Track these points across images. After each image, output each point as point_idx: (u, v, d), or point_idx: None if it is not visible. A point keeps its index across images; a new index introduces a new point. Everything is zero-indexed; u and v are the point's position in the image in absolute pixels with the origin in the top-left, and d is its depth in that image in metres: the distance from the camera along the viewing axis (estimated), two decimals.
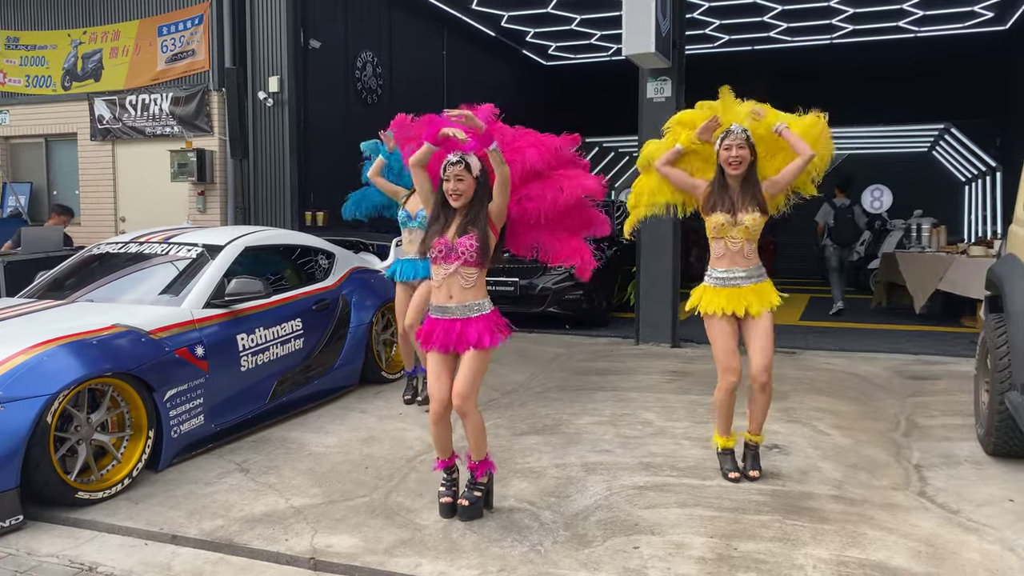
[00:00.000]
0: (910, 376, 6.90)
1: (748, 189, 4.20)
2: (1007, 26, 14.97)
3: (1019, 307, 4.38)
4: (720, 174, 4.25)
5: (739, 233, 4.19)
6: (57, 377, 3.98)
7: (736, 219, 4.18)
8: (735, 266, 4.24)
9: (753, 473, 4.36)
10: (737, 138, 4.15)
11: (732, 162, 4.15)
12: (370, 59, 12.10)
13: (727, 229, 4.20)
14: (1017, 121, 15.35)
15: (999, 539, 3.64)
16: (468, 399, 3.74)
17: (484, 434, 3.90)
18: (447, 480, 3.97)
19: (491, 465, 3.97)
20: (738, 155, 4.14)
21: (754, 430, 4.42)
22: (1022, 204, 4.89)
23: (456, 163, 3.71)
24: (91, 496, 4.09)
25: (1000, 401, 4.43)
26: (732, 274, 4.24)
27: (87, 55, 11.37)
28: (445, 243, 3.74)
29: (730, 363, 4.25)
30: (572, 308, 9.33)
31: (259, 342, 5.28)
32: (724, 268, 4.26)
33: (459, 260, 3.71)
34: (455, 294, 3.75)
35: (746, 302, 4.20)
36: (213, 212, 10.70)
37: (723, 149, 4.19)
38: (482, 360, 3.76)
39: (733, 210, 4.18)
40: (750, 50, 16.98)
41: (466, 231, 3.72)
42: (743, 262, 4.23)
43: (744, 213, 4.17)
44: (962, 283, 9.11)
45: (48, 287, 5.49)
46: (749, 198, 4.18)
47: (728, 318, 4.25)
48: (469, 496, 3.89)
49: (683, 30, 8.36)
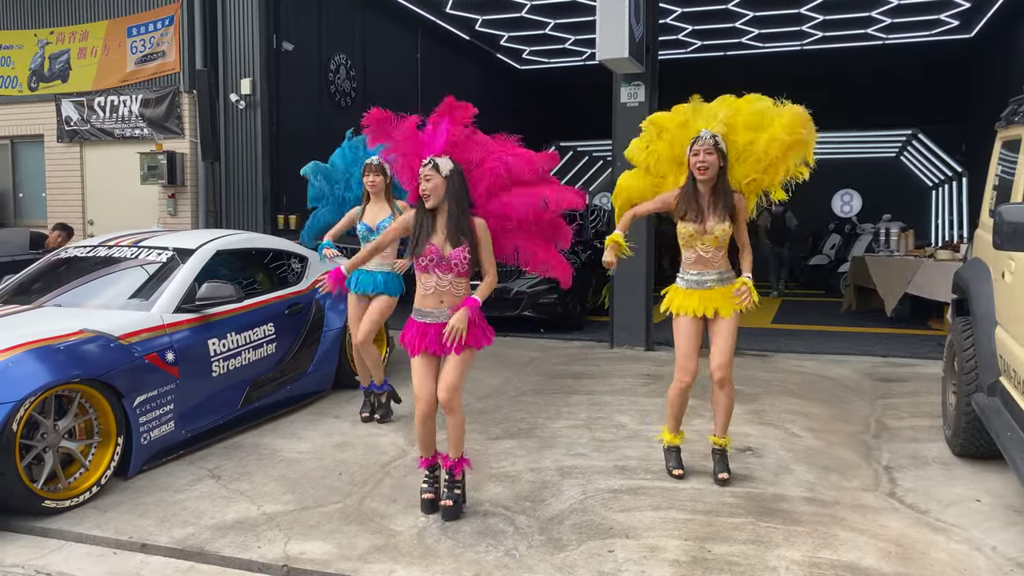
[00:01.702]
0: (879, 378, 7.00)
1: (719, 197, 4.21)
2: (972, 34, 15.29)
3: (985, 310, 4.46)
4: (691, 180, 4.25)
5: (708, 242, 4.25)
6: (23, 383, 3.90)
7: (705, 228, 4.22)
8: (707, 269, 4.30)
9: (722, 476, 4.37)
10: (705, 143, 4.15)
11: (699, 167, 4.16)
12: (343, 62, 12.05)
13: (696, 239, 4.26)
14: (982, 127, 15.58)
15: (966, 539, 3.70)
16: (456, 393, 3.83)
17: (464, 432, 3.99)
18: (429, 477, 4.05)
19: (467, 462, 4.05)
20: (706, 160, 4.14)
21: (719, 433, 4.43)
22: (988, 209, 4.98)
23: (425, 164, 3.80)
24: (58, 504, 4.01)
25: (967, 403, 4.50)
26: (703, 277, 4.30)
27: (54, 55, 11.20)
28: (436, 251, 3.79)
29: (687, 364, 4.35)
30: (547, 312, 9.34)
31: (231, 347, 5.22)
32: (696, 271, 4.32)
33: (452, 272, 3.80)
34: (446, 300, 3.84)
35: (716, 304, 4.27)
36: (184, 215, 10.57)
37: (692, 155, 4.20)
38: (469, 356, 3.87)
39: (702, 219, 4.22)
40: (722, 55, 17.16)
41: (459, 242, 3.78)
42: (715, 265, 4.29)
43: (713, 222, 4.20)
44: (929, 286, 9.26)
45: (14, 291, 5.38)
46: (720, 207, 4.20)
47: (695, 320, 4.32)
48: (451, 496, 3.95)
49: (656, 35, 8.42)
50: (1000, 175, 4.88)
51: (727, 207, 4.21)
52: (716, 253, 4.28)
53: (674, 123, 4.40)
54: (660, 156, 4.45)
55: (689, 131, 4.30)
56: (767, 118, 4.24)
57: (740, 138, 4.27)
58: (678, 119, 4.42)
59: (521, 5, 13.81)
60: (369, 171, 5.42)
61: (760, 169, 4.26)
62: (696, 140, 4.20)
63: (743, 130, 4.27)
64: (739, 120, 4.28)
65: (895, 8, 13.78)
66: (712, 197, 4.22)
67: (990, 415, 4.07)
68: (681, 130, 4.36)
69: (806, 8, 13.83)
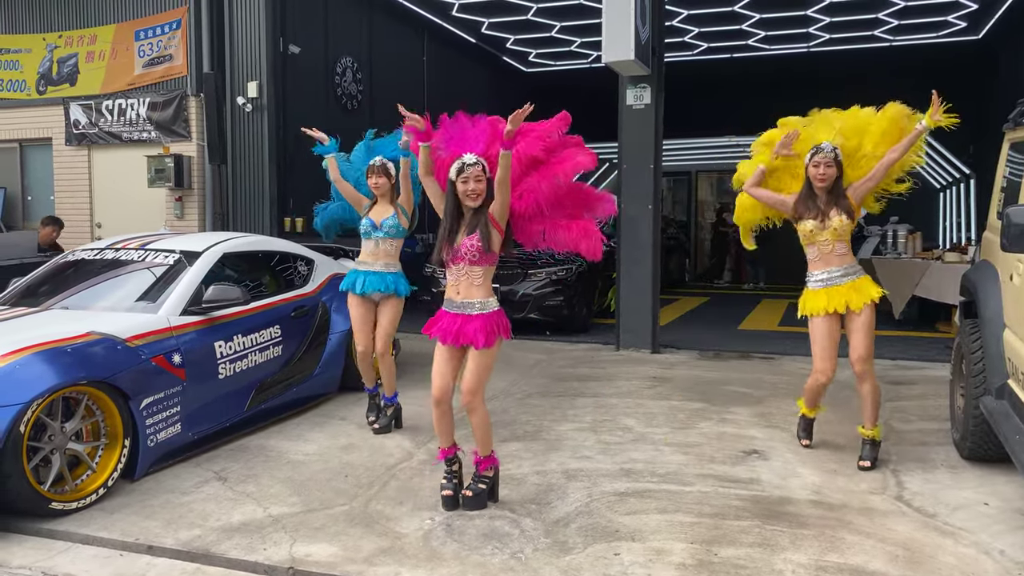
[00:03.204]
0: (887, 381, 6.96)
1: (834, 197, 4.55)
2: (980, 36, 15.22)
3: (993, 313, 4.43)
4: (808, 186, 4.61)
5: (828, 235, 4.54)
6: (30, 386, 3.92)
7: (824, 224, 4.54)
8: (831, 266, 4.59)
9: (864, 463, 4.59)
10: (826, 156, 4.50)
11: (819, 178, 4.52)
12: (350, 64, 12.07)
13: (816, 234, 4.57)
14: (990, 129, 15.58)
15: (974, 542, 3.68)
16: (475, 394, 3.93)
17: (489, 430, 4.06)
18: (449, 472, 4.09)
19: (495, 460, 4.13)
20: (825, 173, 4.51)
21: (867, 424, 4.67)
22: (995, 211, 4.96)
23: (474, 164, 3.85)
24: (65, 506, 4.03)
25: (975, 406, 4.48)
26: (830, 274, 4.59)
27: (62, 59, 11.25)
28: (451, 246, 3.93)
29: (822, 364, 4.66)
30: (552, 314, 9.34)
31: (237, 349, 5.23)
32: (821, 270, 4.62)
33: (463, 260, 3.90)
34: (462, 291, 3.94)
35: (846, 298, 4.54)
36: (191, 218, 10.61)
37: (812, 166, 4.54)
38: (487, 357, 3.94)
39: (821, 216, 4.54)
40: (728, 58, 17.12)
41: (470, 231, 3.88)
42: (837, 261, 4.58)
43: (831, 218, 4.52)
44: (937, 289, 9.22)
45: (22, 294, 5.41)
46: (835, 204, 4.54)
47: (831, 317, 4.58)
48: (474, 488, 4.05)
49: (662, 38, 8.42)
50: (1008, 177, 4.85)
51: (842, 207, 4.54)
52: (838, 247, 4.56)
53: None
54: (778, 172, 4.84)
55: (805, 144, 4.65)
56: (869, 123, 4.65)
57: (851, 144, 4.62)
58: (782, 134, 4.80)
59: (527, 8, 13.81)
60: (372, 173, 5.33)
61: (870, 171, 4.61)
62: (817, 151, 4.53)
63: (853, 136, 4.63)
64: (849, 127, 4.66)
65: (902, 10, 13.74)
66: (827, 198, 4.56)
67: (998, 418, 4.05)
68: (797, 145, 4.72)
69: (813, 10, 13.79)
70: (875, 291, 4.56)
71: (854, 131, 4.67)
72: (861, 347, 4.52)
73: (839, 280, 4.56)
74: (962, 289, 5.22)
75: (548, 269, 9.33)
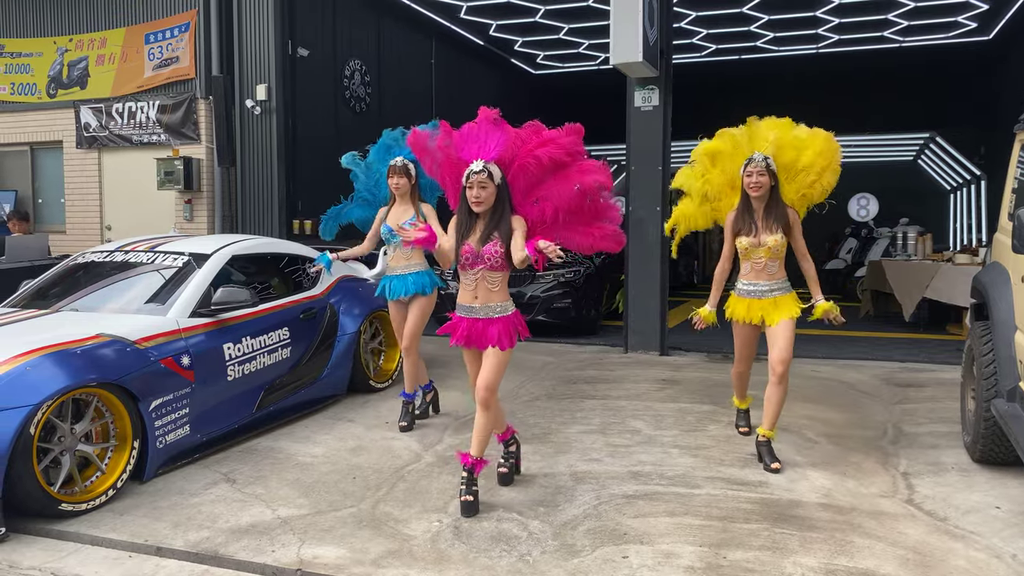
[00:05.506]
0: (897, 384, 6.93)
1: (771, 212, 4.63)
2: (990, 36, 15.14)
3: (1004, 315, 4.40)
4: (745, 198, 4.69)
5: (763, 253, 4.65)
6: (40, 387, 3.94)
7: (759, 241, 4.63)
8: (759, 280, 4.71)
9: (775, 465, 4.60)
10: (758, 166, 4.59)
11: (753, 187, 4.60)
12: (358, 67, 12.10)
13: (752, 251, 4.68)
14: (1001, 130, 15.51)
15: (986, 546, 3.65)
16: (492, 390, 4.06)
17: (489, 435, 4.18)
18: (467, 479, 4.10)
19: (513, 430, 4.48)
20: (759, 181, 4.58)
21: (767, 425, 4.74)
22: (1007, 212, 4.93)
23: (479, 172, 3.92)
24: (74, 508, 4.04)
25: (986, 408, 4.45)
26: (755, 287, 4.72)
27: (73, 62, 11.32)
28: (471, 250, 3.99)
29: (738, 367, 5.17)
30: (561, 316, 9.32)
31: (246, 351, 5.24)
32: (749, 281, 4.75)
33: (484, 265, 3.98)
34: (480, 295, 4.04)
35: (764, 312, 4.69)
36: (200, 220, 10.65)
37: (745, 175, 4.63)
38: (507, 354, 4.07)
39: (756, 233, 4.64)
40: (737, 59, 17.09)
41: (490, 238, 3.95)
42: (766, 276, 4.69)
43: (767, 235, 4.61)
44: (948, 291, 9.17)
45: (32, 296, 5.44)
46: (772, 221, 4.62)
47: (749, 325, 4.77)
48: (506, 464, 4.44)
49: (671, 39, 8.40)
50: (1019, 178, 4.82)
51: (779, 220, 4.62)
52: (769, 264, 4.67)
53: (726, 150, 4.84)
54: (715, 182, 4.92)
55: (740, 155, 4.75)
56: (804, 141, 4.73)
57: (787, 157, 4.69)
58: (728, 146, 4.85)
59: (535, 10, 13.82)
60: (394, 173, 5.33)
61: (807, 184, 4.71)
62: (749, 162, 4.63)
63: (789, 149, 4.70)
64: (785, 141, 4.72)
65: (912, 11, 13.68)
66: (764, 212, 4.64)
67: (1010, 421, 4.02)
68: (733, 156, 4.81)
69: (822, 11, 13.75)
70: (795, 309, 4.65)
71: (790, 145, 4.73)
72: (780, 351, 4.61)
73: (762, 294, 4.69)
74: (973, 291, 5.19)
75: (556, 271, 9.32)
